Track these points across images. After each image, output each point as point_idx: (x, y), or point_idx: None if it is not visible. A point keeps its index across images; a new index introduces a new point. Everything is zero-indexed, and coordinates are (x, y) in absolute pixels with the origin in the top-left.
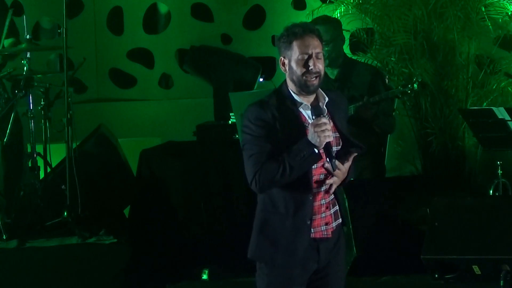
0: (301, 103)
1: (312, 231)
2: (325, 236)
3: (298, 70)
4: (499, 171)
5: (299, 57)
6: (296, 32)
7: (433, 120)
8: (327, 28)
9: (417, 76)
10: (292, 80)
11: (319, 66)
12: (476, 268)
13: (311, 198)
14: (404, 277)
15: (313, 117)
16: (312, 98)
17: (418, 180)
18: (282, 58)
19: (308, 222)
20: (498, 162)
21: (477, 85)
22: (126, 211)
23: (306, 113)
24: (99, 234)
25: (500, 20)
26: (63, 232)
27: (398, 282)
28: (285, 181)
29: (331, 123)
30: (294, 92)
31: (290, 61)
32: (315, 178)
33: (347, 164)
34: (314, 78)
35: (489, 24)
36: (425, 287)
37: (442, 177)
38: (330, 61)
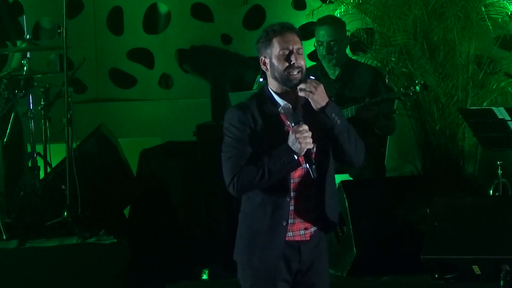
0: (281, 104)
1: (291, 235)
2: (304, 239)
3: (280, 66)
4: (499, 171)
5: (280, 52)
6: (276, 30)
7: (433, 120)
8: (334, 29)
9: (419, 78)
10: (275, 78)
11: (301, 61)
12: (476, 268)
13: (288, 200)
14: (404, 277)
15: (293, 125)
16: (293, 97)
17: (418, 180)
18: (263, 58)
19: (284, 224)
20: (498, 162)
21: (477, 85)
22: (126, 211)
23: (284, 114)
24: (99, 234)
25: (500, 20)
26: (63, 232)
27: (398, 282)
28: (263, 185)
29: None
30: (275, 93)
31: (271, 58)
32: (295, 181)
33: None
34: (296, 73)
35: (489, 24)
36: (425, 287)
37: (442, 177)
38: (337, 61)
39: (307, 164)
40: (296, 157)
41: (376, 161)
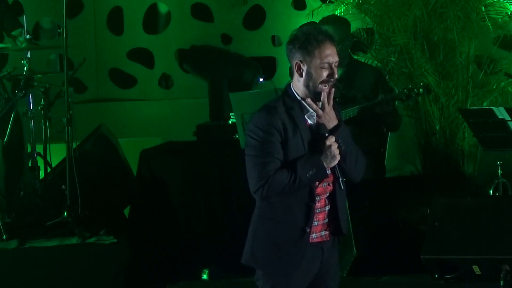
0: (309, 110)
1: (315, 236)
2: (325, 239)
3: (317, 77)
4: (499, 171)
5: (321, 65)
6: (319, 40)
7: (433, 120)
8: (337, 29)
9: (423, 81)
10: (307, 86)
11: (336, 75)
12: (476, 268)
13: (313, 206)
14: (404, 277)
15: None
16: (316, 103)
17: (418, 180)
18: (299, 62)
19: (308, 230)
20: (498, 162)
21: (477, 85)
22: (126, 211)
23: (310, 120)
24: (99, 234)
25: (500, 20)
26: (63, 232)
27: (398, 282)
28: (289, 192)
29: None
30: (300, 97)
31: (310, 67)
32: (319, 186)
33: (328, 108)
34: (328, 87)
35: (489, 24)
36: (425, 287)
37: (442, 177)
38: (338, 62)
39: (335, 176)
40: (327, 169)
41: (376, 161)
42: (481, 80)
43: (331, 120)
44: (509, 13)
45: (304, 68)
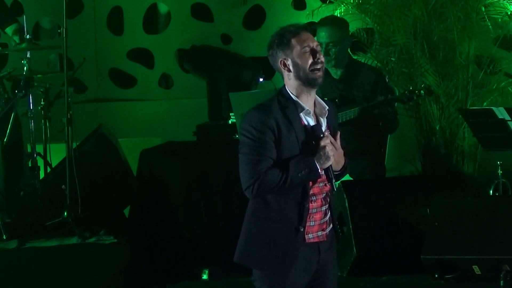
0: (304, 109)
1: (311, 237)
2: (322, 240)
3: (304, 63)
4: (499, 171)
5: (302, 50)
6: (292, 31)
7: (433, 120)
8: (335, 29)
9: (424, 83)
10: (298, 77)
11: (322, 57)
12: (476, 268)
13: (307, 206)
14: (404, 277)
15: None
16: (311, 102)
17: (418, 180)
18: (282, 60)
19: (302, 230)
20: (498, 162)
21: (477, 85)
22: (126, 211)
23: (306, 119)
24: (99, 234)
25: (500, 20)
26: (63, 232)
27: (398, 282)
28: (281, 192)
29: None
30: (295, 96)
31: (293, 58)
32: (315, 186)
33: (338, 144)
34: (319, 70)
35: (489, 24)
36: (425, 287)
37: (442, 177)
38: (337, 62)
39: (327, 179)
40: (319, 170)
41: (376, 161)
42: (481, 80)
43: (339, 160)
44: (509, 13)
45: (289, 61)
